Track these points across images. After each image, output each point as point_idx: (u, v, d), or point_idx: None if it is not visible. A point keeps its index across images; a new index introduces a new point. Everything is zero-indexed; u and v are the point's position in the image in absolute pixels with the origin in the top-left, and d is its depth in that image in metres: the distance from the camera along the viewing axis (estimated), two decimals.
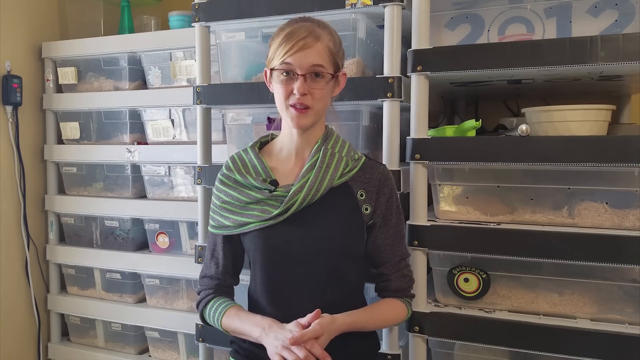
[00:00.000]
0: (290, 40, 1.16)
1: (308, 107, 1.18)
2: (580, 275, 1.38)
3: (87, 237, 2.36)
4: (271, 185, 1.23)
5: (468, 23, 1.56)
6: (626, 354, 1.26)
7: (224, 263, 1.31)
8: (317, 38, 1.17)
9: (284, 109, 1.20)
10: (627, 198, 1.35)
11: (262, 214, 1.22)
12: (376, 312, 1.26)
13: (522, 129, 1.39)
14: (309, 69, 1.16)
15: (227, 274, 1.32)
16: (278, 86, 1.19)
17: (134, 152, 2.20)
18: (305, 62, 1.16)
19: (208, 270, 1.33)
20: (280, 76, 1.18)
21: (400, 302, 1.28)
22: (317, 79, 1.18)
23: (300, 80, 1.16)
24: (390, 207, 1.27)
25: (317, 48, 1.17)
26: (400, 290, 1.28)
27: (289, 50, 1.15)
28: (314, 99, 1.18)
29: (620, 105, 1.98)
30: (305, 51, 1.15)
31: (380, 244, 1.26)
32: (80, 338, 2.42)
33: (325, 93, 1.20)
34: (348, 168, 1.25)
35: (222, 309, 1.25)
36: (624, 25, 1.41)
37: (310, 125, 1.22)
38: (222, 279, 1.31)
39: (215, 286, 1.31)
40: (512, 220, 1.46)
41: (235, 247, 1.31)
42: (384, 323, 1.30)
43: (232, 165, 1.31)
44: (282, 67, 1.17)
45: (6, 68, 2.27)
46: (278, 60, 1.17)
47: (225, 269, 1.31)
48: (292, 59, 1.16)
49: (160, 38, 2.15)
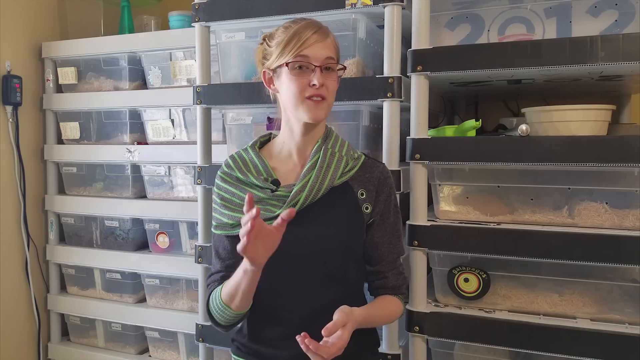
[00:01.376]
0: (303, 35, 1.18)
1: (324, 99, 1.20)
2: (580, 275, 1.38)
3: (87, 237, 2.36)
4: (273, 184, 1.23)
5: (468, 23, 1.56)
6: (626, 354, 1.26)
7: (228, 257, 1.30)
8: (326, 34, 1.21)
9: (298, 102, 1.20)
10: (627, 198, 1.35)
11: (265, 213, 1.22)
12: (382, 308, 1.27)
13: (522, 129, 1.39)
14: (324, 62, 1.19)
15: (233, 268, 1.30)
16: (292, 79, 1.19)
17: (134, 152, 2.20)
18: (320, 54, 1.18)
19: (214, 268, 1.32)
20: (294, 69, 1.19)
21: (396, 298, 1.29)
22: (329, 72, 1.20)
23: (317, 72, 1.18)
24: (389, 205, 1.27)
25: (328, 42, 1.20)
26: (396, 287, 1.28)
27: (303, 44, 1.17)
28: (329, 91, 1.21)
29: (620, 105, 1.98)
30: (319, 44, 1.18)
31: (377, 242, 1.26)
32: (80, 338, 2.42)
33: (336, 86, 1.23)
34: (348, 167, 1.25)
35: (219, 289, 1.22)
36: (624, 25, 1.41)
37: (324, 118, 1.23)
38: (226, 272, 1.29)
39: (220, 278, 1.29)
40: (512, 220, 1.46)
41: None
42: (388, 318, 1.31)
43: (233, 164, 1.30)
44: (298, 60, 1.18)
45: (6, 68, 2.27)
46: (291, 54, 1.18)
47: (230, 263, 1.29)
48: (307, 51, 1.18)
49: (160, 38, 2.15)
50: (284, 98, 1.23)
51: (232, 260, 1.30)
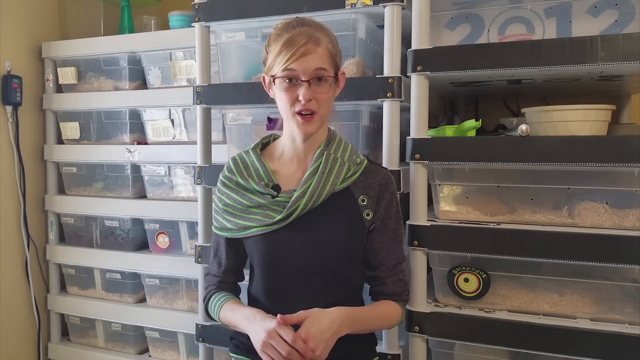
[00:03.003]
0: (291, 47, 1.15)
1: (314, 113, 1.18)
2: (580, 275, 1.38)
3: (87, 237, 2.36)
4: (273, 189, 1.23)
5: (468, 23, 1.56)
6: (626, 354, 1.26)
7: (226, 263, 1.32)
8: (318, 42, 1.17)
9: (289, 116, 1.20)
10: (627, 198, 1.35)
11: (265, 219, 1.22)
12: (374, 308, 1.26)
13: (522, 129, 1.39)
14: (312, 74, 1.16)
15: (229, 273, 1.34)
16: (282, 94, 1.19)
17: (134, 152, 2.20)
18: (308, 67, 1.16)
19: (212, 269, 1.35)
20: (283, 83, 1.18)
21: (396, 304, 1.28)
22: (320, 83, 1.18)
23: (304, 86, 1.16)
24: (390, 211, 1.27)
25: (319, 52, 1.17)
26: (395, 294, 1.27)
27: (290, 57, 1.15)
28: (319, 103, 1.18)
29: (620, 105, 1.98)
30: (307, 57, 1.15)
31: (377, 247, 1.26)
32: (80, 338, 2.42)
33: (329, 97, 1.21)
34: (350, 172, 1.25)
35: (220, 303, 1.28)
36: (624, 25, 1.41)
37: (316, 131, 1.22)
38: (223, 277, 1.33)
39: (217, 283, 1.33)
40: (512, 220, 1.46)
41: (238, 248, 1.32)
42: (383, 321, 1.28)
43: (234, 168, 1.31)
44: (285, 74, 1.17)
45: (6, 68, 2.26)
46: (280, 67, 1.16)
47: (227, 269, 1.33)
48: (295, 65, 1.15)
49: (160, 38, 2.15)
50: (279, 107, 1.23)
51: (230, 266, 1.32)
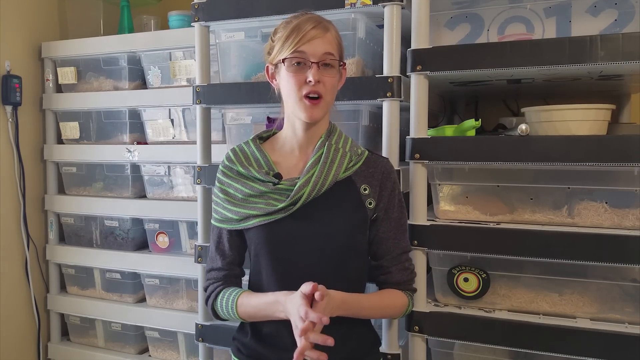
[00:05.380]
0: (301, 30, 1.18)
1: (320, 97, 1.19)
2: (580, 275, 1.38)
3: (87, 237, 2.36)
4: (275, 178, 1.23)
5: (468, 22, 1.56)
6: (626, 353, 1.26)
7: (231, 254, 1.30)
8: (326, 29, 1.20)
9: (296, 100, 1.20)
10: (626, 198, 1.35)
11: (267, 207, 1.22)
12: (374, 296, 1.27)
13: (522, 129, 1.39)
14: (321, 57, 1.18)
15: (234, 264, 1.31)
16: (290, 76, 1.19)
17: (134, 152, 2.20)
18: (318, 50, 1.18)
19: (214, 263, 1.31)
20: (291, 66, 1.19)
21: (402, 293, 1.28)
22: (327, 68, 1.20)
23: (314, 68, 1.17)
24: (393, 200, 1.27)
25: (327, 37, 1.20)
26: (401, 282, 1.27)
27: (301, 40, 1.17)
28: (326, 88, 1.20)
29: (620, 105, 1.98)
30: (317, 39, 1.18)
31: (381, 237, 1.26)
32: (80, 338, 2.43)
33: (335, 83, 1.22)
34: (352, 162, 1.25)
35: (235, 296, 1.24)
36: (624, 25, 1.41)
37: (321, 117, 1.23)
38: (229, 269, 1.30)
39: (223, 277, 1.30)
40: (511, 220, 1.46)
41: (240, 238, 1.30)
42: (383, 309, 1.28)
43: (234, 157, 1.30)
44: (295, 56, 1.18)
45: (6, 68, 2.27)
46: (289, 50, 1.18)
47: (232, 259, 1.30)
48: (305, 47, 1.17)
49: (160, 38, 2.15)
50: (284, 93, 1.24)
51: (234, 257, 1.31)
